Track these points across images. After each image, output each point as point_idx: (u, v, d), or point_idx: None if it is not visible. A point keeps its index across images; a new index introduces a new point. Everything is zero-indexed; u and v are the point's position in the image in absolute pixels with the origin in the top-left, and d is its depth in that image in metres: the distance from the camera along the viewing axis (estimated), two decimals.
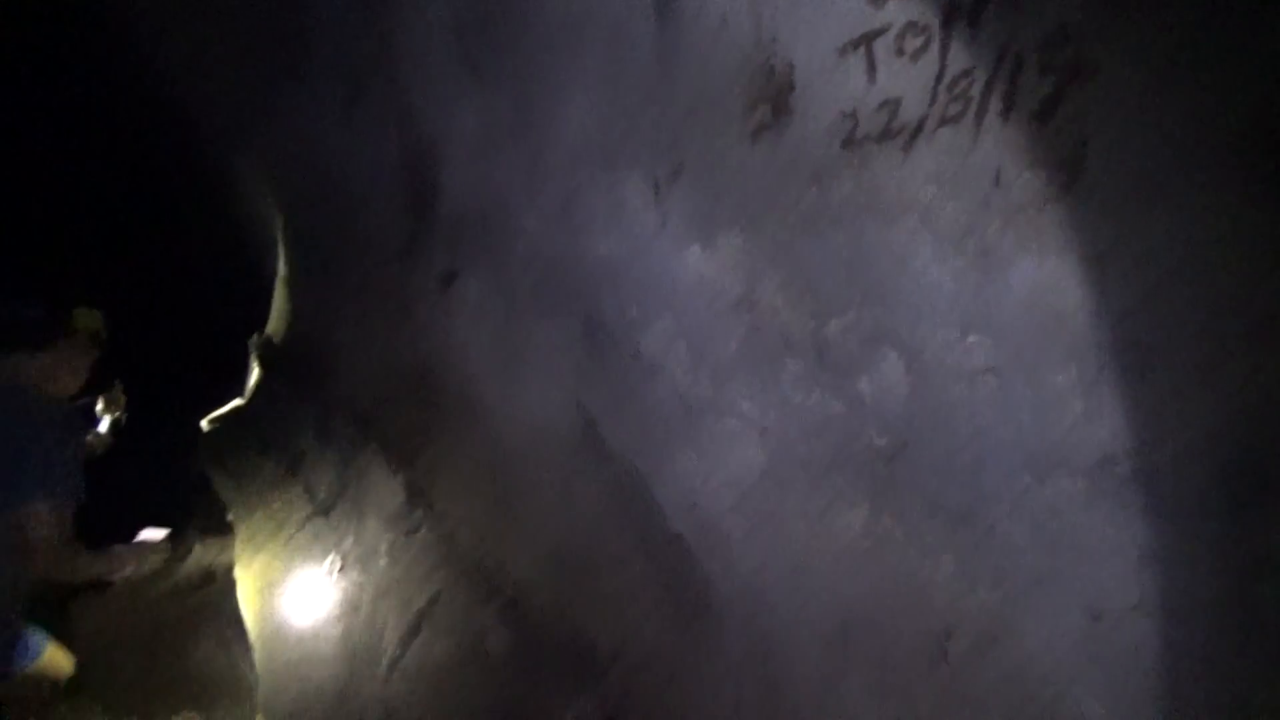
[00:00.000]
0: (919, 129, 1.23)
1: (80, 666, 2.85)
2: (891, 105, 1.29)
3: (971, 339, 1.19)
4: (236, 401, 4.66)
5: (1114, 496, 1.08)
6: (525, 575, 2.68)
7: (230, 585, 3.95)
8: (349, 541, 3.50)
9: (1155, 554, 1.05)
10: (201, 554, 4.29)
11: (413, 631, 2.84)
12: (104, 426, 3.11)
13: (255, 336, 4.76)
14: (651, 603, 2.20)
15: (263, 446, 4.29)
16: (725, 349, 1.62)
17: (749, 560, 1.76)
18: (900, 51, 1.27)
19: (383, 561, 3.26)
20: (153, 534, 2.93)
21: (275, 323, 4.81)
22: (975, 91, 1.16)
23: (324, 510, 3.75)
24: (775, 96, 1.48)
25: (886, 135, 1.29)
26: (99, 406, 3.08)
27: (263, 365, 4.64)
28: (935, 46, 1.23)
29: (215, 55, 5.82)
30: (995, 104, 1.13)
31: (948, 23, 1.21)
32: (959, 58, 1.19)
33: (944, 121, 1.20)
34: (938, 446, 1.31)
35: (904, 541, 1.40)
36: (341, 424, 3.85)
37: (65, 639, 2.79)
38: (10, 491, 2.17)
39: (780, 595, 1.72)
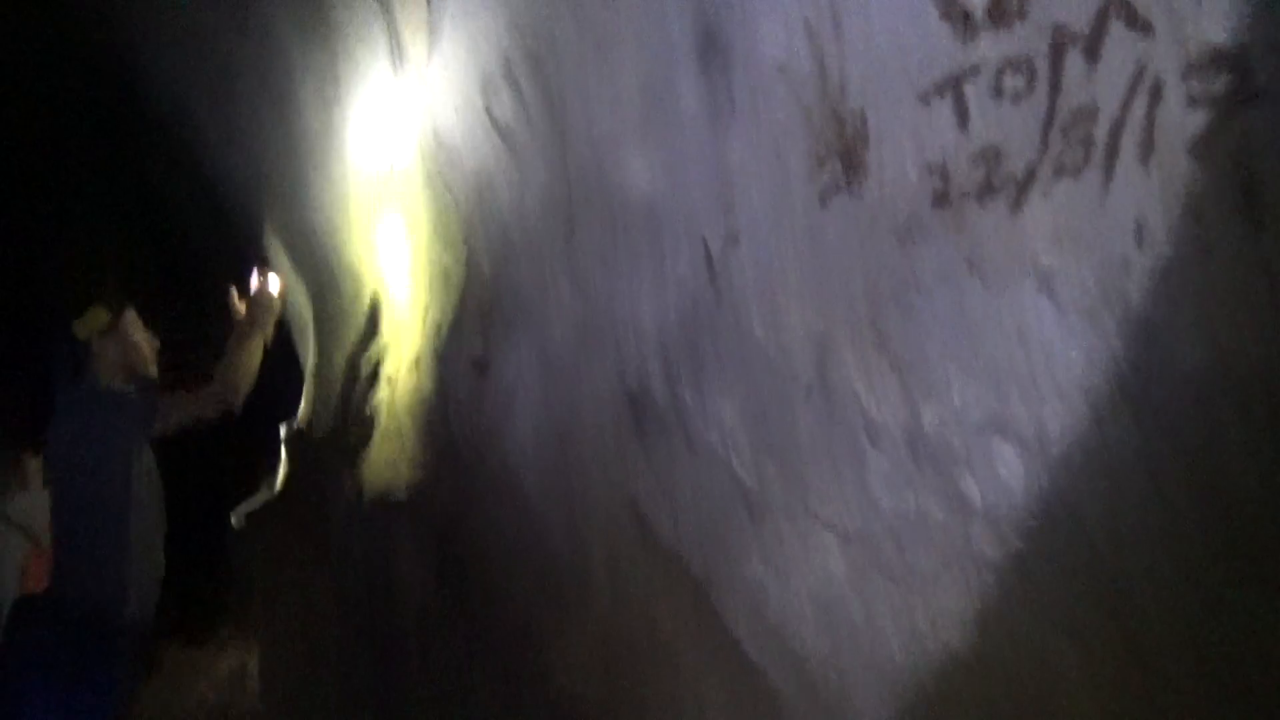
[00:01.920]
0: (1029, 181, 1.04)
1: None
2: (990, 156, 1.10)
3: (1114, 428, 0.98)
4: (268, 494, 4.51)
5: None
6: (571, 665, 2.46)
7: (257, 689, 3.77)
8: (381, 635, 3.30)
9: None
10: (232, 655, 4.12)
11: None
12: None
13: (286, 426, 4.63)
14: (714, 711, 1.97)
15: (295, 540, 4.13)
16: (796, 441, 1.42)
17: (831, 680, 1.52)
18: (998, 93, 1.09)
19: (415, 658, 3.05)
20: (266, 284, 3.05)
21: (306, 411, 4.68)
22: (1099, 134, 0.97)
23: (355, 602, 3.57)
24: (847, 152, 1.30)
25: (987, 191, 1.09)
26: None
27: (293, 456, 4.49)
28: (1042, 85, 1.04)
29: (248, 129, 5.81)
30: (1129, 146, 0.93)
31: (1057, 57, 1.02)
32: (1074, 95, 1.00)
33: (1061, 171, 1.01)
34: (1068, 557, 1.08)
35: (1030, 667, 1.17)
36: (373, 511, 3.67)
37: None
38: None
39: None
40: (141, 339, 2.84)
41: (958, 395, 1.14)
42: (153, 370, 2.87)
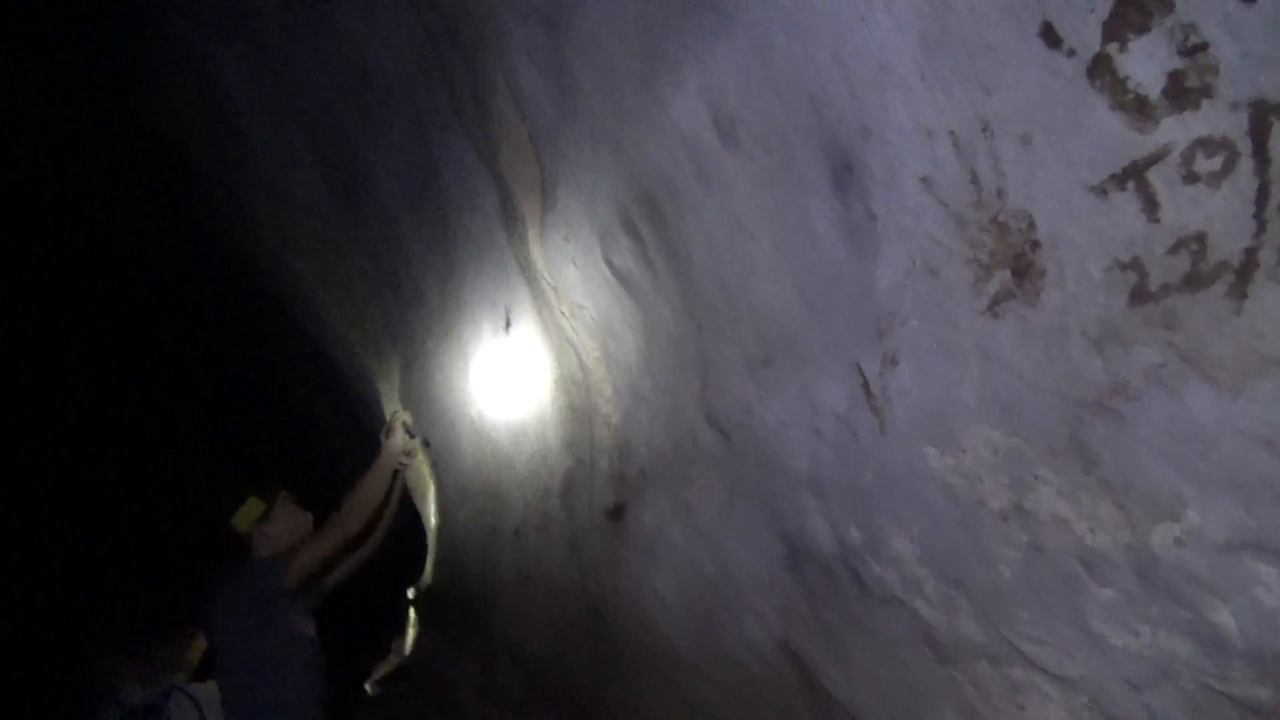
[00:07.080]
0: (1250, 266, 0.94)
1: None
2: (1192, 244, 1.00)
3: None
4: (397, 659, 4.44)
5: None
6: None
7: None
8: None
9: None
10: None
11: None
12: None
13: (413, 589, 4.60)
14: None
15: (428, 708, 4.02)
16: (995, 575, 1.27)
17: None
18: (1191, 177, 1.00)
19: None
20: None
21: (432, 573, 4.64)
22: None
23: None
24: (1015, 258, 1.21)
25: (1196, 282, 0.99)
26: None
27: (422, 619, 4.43)
28: (1246, 162, 0.95)
29: (365, 308, 6.06)
30: None
31: (1260, 131, 0.93)
32: None
33: None
34: None
35: None
36: (507, 679, 3.54)
37: None
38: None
39: None
40: (297, 520, 2.88)
41: (1195, 512, 1.00)
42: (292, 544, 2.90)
